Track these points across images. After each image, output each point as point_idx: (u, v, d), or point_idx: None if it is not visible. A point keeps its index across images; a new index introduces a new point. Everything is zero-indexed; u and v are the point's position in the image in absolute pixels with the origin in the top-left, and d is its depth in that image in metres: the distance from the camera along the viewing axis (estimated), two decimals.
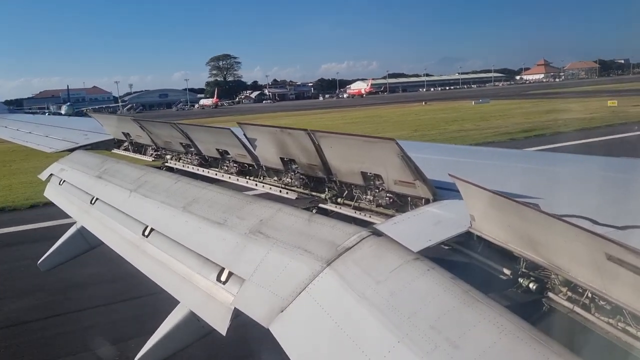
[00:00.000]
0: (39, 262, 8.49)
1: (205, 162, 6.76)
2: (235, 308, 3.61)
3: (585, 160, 5.22)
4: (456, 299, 2.56)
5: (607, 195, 3.71)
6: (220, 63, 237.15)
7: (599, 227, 2.92)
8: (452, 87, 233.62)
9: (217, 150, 6.14)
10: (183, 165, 7.20)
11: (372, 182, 4.12)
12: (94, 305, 13.09)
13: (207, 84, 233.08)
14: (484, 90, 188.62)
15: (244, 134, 5.19)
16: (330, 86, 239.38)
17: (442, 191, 3.77)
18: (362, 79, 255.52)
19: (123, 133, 8.89)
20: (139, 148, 8.74)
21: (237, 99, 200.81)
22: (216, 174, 6.38)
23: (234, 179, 6.01)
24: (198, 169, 6.78)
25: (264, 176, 5.59)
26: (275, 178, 5.39)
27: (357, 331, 2.73)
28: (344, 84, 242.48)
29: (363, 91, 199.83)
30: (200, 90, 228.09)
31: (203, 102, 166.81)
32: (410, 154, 3.59)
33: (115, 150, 9.40)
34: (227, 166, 6.18)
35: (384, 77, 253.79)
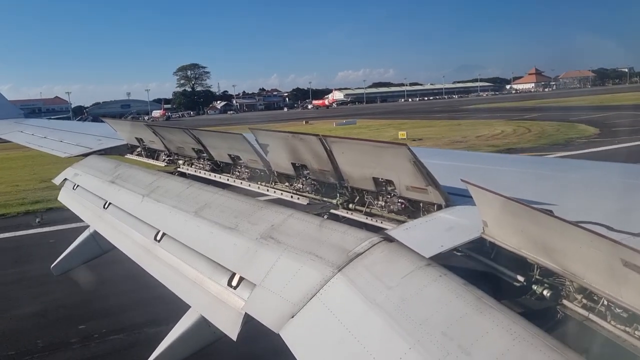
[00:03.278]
0: (52, 266, 8.57)
1: (217, 167, 6.79)
2: (246, 313, 3.61)
3: (600, 166, 5.17)
4: (469, 305, 2.53)
5: (622, 201, 3.66)
6: (189, 73, 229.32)
7: (615, 233, 2.88)
8: (432, 98, 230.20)
9: (229, 155, 6.17)
10: (195, 171, 7.24)
11: (383, 188, 4.10)
12: None
13: (174, 94, 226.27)
14: (449, 101, 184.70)
15: (256, 140, 5.21)
16: (307, 95, 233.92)
17: (455, 197, 3.75)
18: (340, 89, 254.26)
19: (136, 138, 8.97)
20: (152, 153, 8.81)
21: (203, 110, 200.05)
22: (228, 179, 6.40)
23: (245, 185, 6.02)
24: (210, 174, 6.82)
25: (275, 181, 5.60)
26: (287, 183, 5.39)
27: (368, 337, 2.71)
28: (324, 93, 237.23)
29: (327, 102, 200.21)
30: (168, 101, 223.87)
31: (154, 113, 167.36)
32: (422, 159, 3.58)
33: (128, 155, 9.49)
34: (238, 171, 6.20)
35: (369, 87, 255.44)
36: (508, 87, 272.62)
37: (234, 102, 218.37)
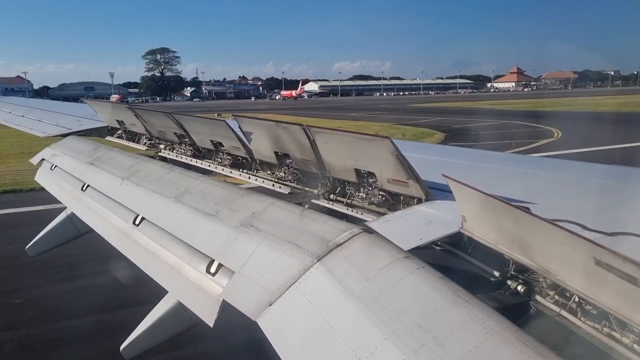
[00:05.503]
0: (27, 247, 8.43)
1: (199, 153, 6.73)
2: (223, 300, 3.61)
3: (579, 166, 5.26)
4: (444, 298, 2.57)
5: (597, 202, 3.74)
6: (158, 57, 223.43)
7: (589, 232, 2.94)
8: (408, 93, 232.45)
9: (212, 141, 6.12)
10: (176, 156, 7.17)
11: (365, 180, 4.12)
12: None
13: (142, 78, 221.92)
14: (412, 97, 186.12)
15: (239, 127, 5.17)
16: (285, 85, 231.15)
17: (435, 191, 3.78)
18: (315, 80, 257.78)
19: (117, 121, 8.84)
20: (133, 136, 8.69)
21: (170, 96, 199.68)
22: (209, 166, 6.36)
23: (227, 171, 5.99)
24: (191, 160, 6.76)
25: (257, 169, 5.57)
26: (269, 172, 5.38)
27: (344, 327, 2.73)
28: (302, 84, 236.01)
29: (294, 93, 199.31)
30: (136, 85, 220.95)
31: (112, 97, 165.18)
32: (405, 153, 3.60)
33: (108, 138, 9.35)
34: (220, 158, 6.16)
35: (348, 79, 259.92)
36: (489, 85, 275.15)
37: (203, 89, 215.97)
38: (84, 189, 6.77)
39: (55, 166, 8.21)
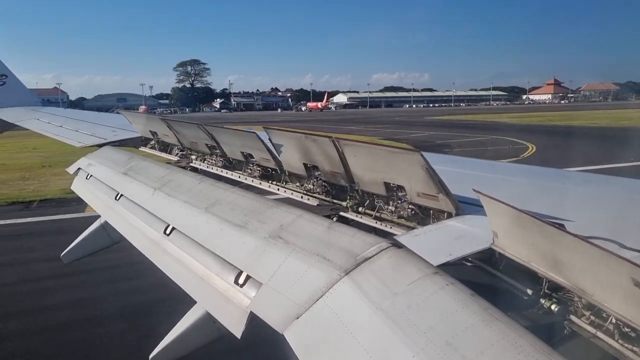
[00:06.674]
0: (62, 254, 8.66)
1: (230, 164, 6.82)
2: (251, 312, 3.62)
3: (615, 181, 5.10)
4: (475, 316, 2.51)
5: (635, 219, 3.61)
6: (189, 68, 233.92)
7: (626, 250, 2.84)
8: (438, 105, 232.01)
9: (242, 153, 6.19)
10: (207, 166, 7.28)
11: (394, 193, 4.09)
12: None
13: (173, 89, 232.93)
14: (437, 109, 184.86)
15: (269, 139, 5.22)
16: (313, 97, 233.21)
17: (466, 206, 3.72)
18: (344, 92, 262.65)
19: (150, 131, 9.04)
20: (165, 147, 8.87)
21: (199, 107, 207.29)
22: (239, 177, 6.43)
23: (256, 183, 6.04)
24: (222, 171, 6.85)
25: (286, 181, 5.61)
26: (298, 183, 5.40)
27: (372, 343, 2.70)
28: (331, 96, 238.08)
29: (320, 105, 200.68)
30: (168, 96, 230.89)
31: (140, 108, 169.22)
32: (435, 166, 3.56)
33: (142, 148, 9.57)
34: (250, 169, 6.22)
35: (379, 91, 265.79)
36: (524, 97, 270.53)
37: (232, 100, 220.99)
38: (117, 198, 6.93)
39: (91, 175, 8.44)
